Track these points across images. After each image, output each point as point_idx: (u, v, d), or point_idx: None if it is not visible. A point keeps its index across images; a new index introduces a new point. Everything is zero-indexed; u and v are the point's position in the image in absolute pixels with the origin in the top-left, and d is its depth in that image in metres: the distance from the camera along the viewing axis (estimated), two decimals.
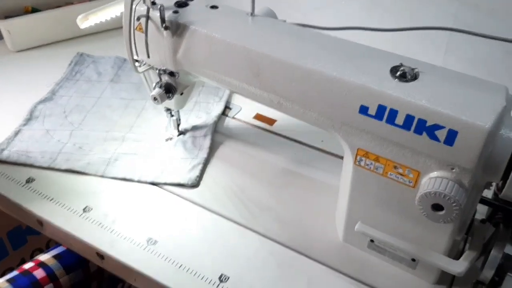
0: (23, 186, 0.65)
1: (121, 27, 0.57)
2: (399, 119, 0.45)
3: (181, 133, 0.73)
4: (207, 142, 0.71)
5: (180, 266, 0.56)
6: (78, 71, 0.87)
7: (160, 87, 0.61)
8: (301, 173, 0.68)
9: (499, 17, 0.70)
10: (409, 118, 0.45)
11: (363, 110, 0.47)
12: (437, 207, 0.45)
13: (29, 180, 0.66)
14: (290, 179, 0.67)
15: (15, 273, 0.75)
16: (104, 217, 0.61)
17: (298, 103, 0.51)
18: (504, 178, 0.45)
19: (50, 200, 0.63)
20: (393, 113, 0.46)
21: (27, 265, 0.76)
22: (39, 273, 0.75)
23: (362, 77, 0.47)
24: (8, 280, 0.73)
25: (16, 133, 0.73)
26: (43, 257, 0.77)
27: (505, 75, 0.74)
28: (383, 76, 0.47)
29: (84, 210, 0.62)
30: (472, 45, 0.72)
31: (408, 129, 0.45)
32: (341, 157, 0.55)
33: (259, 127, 0.76)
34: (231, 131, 0.75)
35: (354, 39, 0.53)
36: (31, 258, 0.74)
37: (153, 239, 0.59)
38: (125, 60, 0.89)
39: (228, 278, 0.55)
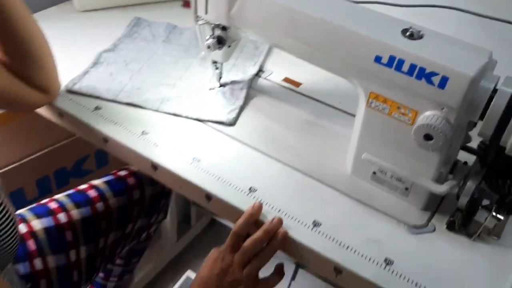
0: (92, 112, 0.80)
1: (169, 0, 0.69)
2: (405, 67, 0.59)
3: (221, 85, 0.87)
4: (243, 93, 0.85)
5: (218, 178, 0.70)
6: (135, 31, 1.01)
7: (213, 38, 0.75)
8: (320, 124, 0.81)
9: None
10: (412, 67, 0.59)
11: (378, 59, 0.61)
12: (427, 137, 0.59)
13: (96, 108, 0.81)
14: (310, 127, 0.81)
15: (71, 191, 0.90)
16: (158, 139, 0.75)
17: (326, 53, 0.65)
18: (481, 118, 0.58)
19: (114, 123, 0.78)
20: (401, 62, 0.59)
21: (82, 187, 0.91)
22: (92, 193, 0.89)
23: (379, 34, 0.61)
24: (67, 195, 0.88)
25: (85, 73, 0.88)
26: (96, 182, 0.92)
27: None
28: (396, 35, 0.61)
29: (142, 133, 0.76)
30: (482, 28, 0.82)
31: (411, 75, 0.59)
32: (354, 115, 0.69)
33: (286, 88, 0.90)
34: (263, 89, 0.89)
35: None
36: None
37: (197, 158, 0.73)
38: (175, 26, 1.04)
39: (256, 190, 0.68)
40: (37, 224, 0.82)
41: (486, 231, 0.65)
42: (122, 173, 0.95)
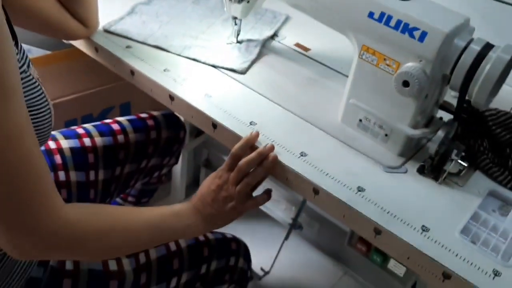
0: (123, 49, 0.92)
1: None
2: (393, 22, 0.69)
3: (238, 41, 0.98)
4: (256, 50, 0.96)
5: (225, 111, 0.80)
6: None
7: None
8: (321, 82, 0.91)
9: None
10: (398, 22, 0.68)
11: (371, 15, 0.71)
12: (405, 83, 0.68)
13: (128, 47, 0.92)
14: (312, 83, 0.91)
15: (98, 122, 1.02)
16: (177, 76, 0.86)
17: (328, 9, 0.75)
18: (451, 72, 0.67)
19: (141, 60, 0.89)
20: (389, 18, 0.69)
21: (107, 120, 1.03)
22: (115, 126, 1.01)
23: None
24: (93, 125, 1.00)
25: (121, 18, 1.00)
26: (120, 118, 1.03)
27: None
28: None
29: (164, 70, 0.88)
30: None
31: (397, 29, 0.69)
32: None
33: (297, 51, 1.00)
34: (275, 50, 0.99)
35: None
36: None
37: (209, 94, 0.84)
38: None
39: (256, 124, 0.79)
40: (65, 143, 0.94)
41: (452, 177, 0.74)
42: (143, 115, 1.07)
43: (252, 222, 1.50)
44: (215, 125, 0.79)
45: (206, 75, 0.89)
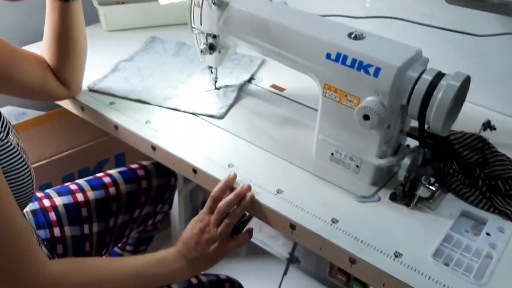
0: (107, 106, 0.97)
1: (180, 24, 0.84)
2: (348, 61, 0.74)
3: (216, 88, 1.04)
4: (234, 94, 1.01)
5: (203, 156, 0.84)
6: (150, 47, 1.20)
7: (206, 45, 0.92)
8: (296, 120, 0.96)
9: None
10: (354, 60, 0.73)
11: (328, 56, 0.75)
12: (365, 117, 0.72)
13: (111, 103, 0.98)
14: (288, 122, 0.95)
15: (90, 177, 1.06)
16: (158, 127, 0.91)
17: (290, 53, 0.81)
18: (407, 102, 0.71)
19: (124, 115, 0.94)
20: (345, 57, 0.74)
21: (99, 174, 1.07)
22: (106, 179, 1.05)
23: (329, 36, 0.76)
24: (86, 180, 1.04)
25: (105, 76, 1.06)
26: (111, 171, 1.08)
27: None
28: (342, 36, 0.76)
29: (146, 122, 0.93)
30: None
31: (353, 67, 0.73)
32: None
33: (273, 92, 1.05)
34: (252, 93, 1.05)
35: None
36: None
37: (190, 141, 0.88)
38: (184, 43, 1.22)
39: (234, 166, 0.83)
40: (59, 201, 0.98)
41: (424, 202, 0.77)
42: (134, 166, 1.11)
43: (248, 260, 1.52)
44: (195, 170, 0.83)
45: (186, 123, 0.93)
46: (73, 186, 1.02)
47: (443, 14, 0.97)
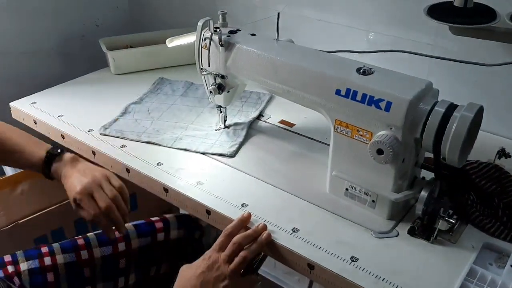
0: (118, 149, 0.97)
1: (189, 64, 0.85)
2: (359, 97, 0.73)
3: (226, 127, 1.04)
4: (243, 132, 1.01)
5: (217, 197, 0.84)
6: (159, 88, 1.21)
7: (215, 85, 0.92)
8: (307, 155, 0.95)
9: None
10: (364, 96, 0.73)
11: (338, 92, 0.76)
12: (379, 152, 0.72)
13: (122, 146, 0.98)
14: (298, 157, 0.95)
15: (98, 231, 1.00)
16: (170, 169, 0.91)
17: (299, 90, 0.81)
18: (421, 135, 0.71)
19: (136, 157, 0.94)
20: (355, 93, 0.74)
21: None
22: (117, 234, 0.98)
23: (338, 72, 0.76)
24: (95, 234, 0.98)
25: (115, 120, 1.06)
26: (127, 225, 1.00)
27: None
28: (351, 72, 0.76)
29: (157, 164, 0.92)
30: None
31: (364, 102, 0.73)
32: None
33: (282, 128, 1.05)
34: (262, 129, 1.05)
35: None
36: None
37: (201, 181, 0.87)
38: (192, 83, 1.23)
39: (248, 205, 0.82)
40: (61, 259, 0.91)
41: (443, 235, 0.75)
42: (153, 218, 1.02)
43: None
44: (208, 211, 0.82)
45: (197, 163, 0.93)
46: (80, 241, 0.95)
47: (448, 45, 0.98)
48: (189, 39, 1.03)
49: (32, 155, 0.86)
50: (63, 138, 1.04)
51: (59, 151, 0.86)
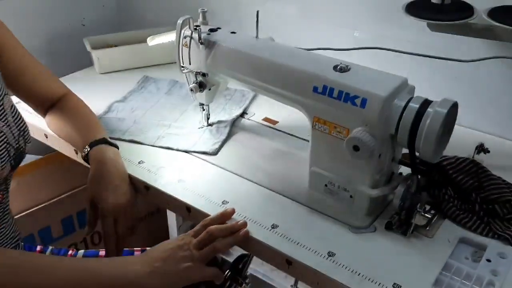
0: None
1: (172, 63, 0.85)
2: (335, 94, 0.74)
3: (209, 124, 1.04)
4: (226, 130, 1.02)
5: (197, 194, 0.84)
6: (143, 86, 1.22)
7: (196, 83, 0.93)
8: (289, 152, 0.96)
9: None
10: (340, 93, 0.74)
11: (315, 89, 0.76)
12: (355, 148, 0.72)
13: None
14: (280, 154, 0.95)
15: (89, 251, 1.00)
16: (152, 167, 0.91)
17: (278, 88, 0.82)
18: (396, 131, 0.71)
19: None
20: (332, 90, 0.74)
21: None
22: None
23: (315, 69, 0.77)
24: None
25: (98, 118, 1.06)
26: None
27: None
28: (328, 69, 0.77)
29: (139, 162, 0.93)
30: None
31: (340, 99, 0.74)
32: None
33: (265, 125, 1.05)
34: (245, 127, 1.05)
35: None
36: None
37: (182, 179, 0.88)
38: (177, 81, 1.23)
39: (228, 202, 0.82)
40: None
41: (420, 230, 0.76)
42: (136, 248, 0.99)
43: None
44: (189, 209, 0.83)
45: (179, 162, 0.94)
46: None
47: (428, 41, 0.99)
48: (170, 37, 1.03)
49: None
50: (46, 138, 1.04)
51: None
